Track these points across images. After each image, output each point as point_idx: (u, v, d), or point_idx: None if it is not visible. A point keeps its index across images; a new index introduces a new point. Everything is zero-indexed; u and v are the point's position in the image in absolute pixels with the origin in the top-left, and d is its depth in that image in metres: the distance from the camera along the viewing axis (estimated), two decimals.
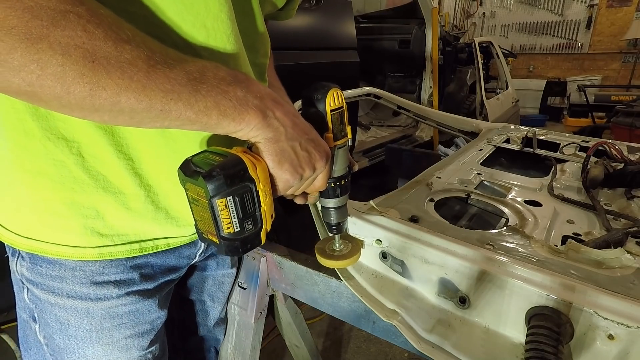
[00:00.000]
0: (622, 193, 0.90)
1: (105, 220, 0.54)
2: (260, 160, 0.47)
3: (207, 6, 0.46)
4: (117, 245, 0.56)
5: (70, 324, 0.58)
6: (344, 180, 0.58)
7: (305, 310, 1.19)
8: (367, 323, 0.76)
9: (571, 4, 7.34)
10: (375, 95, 1.90)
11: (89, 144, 0.49)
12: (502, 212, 0.83)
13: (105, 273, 0.57)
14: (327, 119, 0.52)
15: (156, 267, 0.63)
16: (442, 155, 2.29)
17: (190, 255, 0.69)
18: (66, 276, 0.55)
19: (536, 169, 1.16)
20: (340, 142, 0.55)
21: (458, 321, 0.63)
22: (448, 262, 0.63)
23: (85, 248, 0.54)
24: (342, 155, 0.56)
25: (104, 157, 0.50)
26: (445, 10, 8.04)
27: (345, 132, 0.55)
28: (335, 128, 0.53)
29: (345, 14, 2.38)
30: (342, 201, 0.61)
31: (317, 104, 0.52)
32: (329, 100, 0.51)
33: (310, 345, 1.18)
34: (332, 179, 0.57)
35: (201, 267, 0.81)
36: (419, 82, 3.80)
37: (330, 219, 0.63)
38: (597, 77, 6.74)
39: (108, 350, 0.61)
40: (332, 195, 0.59)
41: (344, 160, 0.57)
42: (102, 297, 0.58)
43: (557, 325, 0.51)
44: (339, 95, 0.53)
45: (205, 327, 0.90)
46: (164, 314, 0.67)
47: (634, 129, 3.46)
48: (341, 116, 0.54)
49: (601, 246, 0.65)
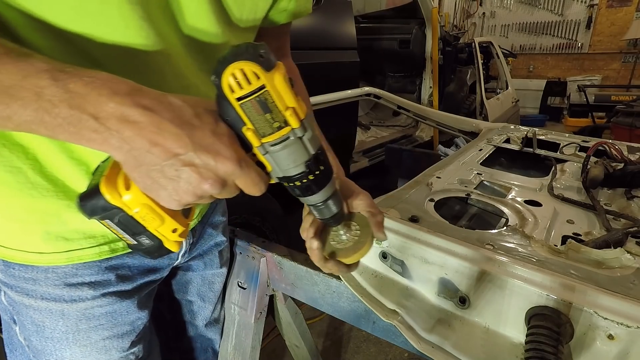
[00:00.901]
0: (622, 193, 0.90)
1: (69, 225, 0.53)
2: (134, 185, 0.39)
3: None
4: (86, 249, 0.55)
5: (45, 326, 0.58)
6: (301, 181, 0.42)
7: (305, 310, 1.19)
8: (367, 323, 0.76)
9: (571, 4, 7.34)
10: (375, 95, 1.90)
11: (43, 150, 0.48)
12: (502, 212, 0.83)
13: (79, 275, 0.56)
14: (236, 110, 0.36)
15: (133, 268, 0.62)
16: (442, 155, 2.29)
17: (171, 256, 0.69)
18: (39, 278, 0.55)
19: (536, 169, 1.16)
20: (274, 137, 0.37)
21: (458, 321, 0.63)
22: (448, 262, 0.63)
23: (52, 254, 0.53)
24: (284, 153, 0.39)
25: (58, 162, 0.49)
26: (445, 10, 8.04)
27: (282, 120, 0.36)
28: (256, 120, 0.36)
29: (345, 14, 2.38)
30: (318, 197, 0.45)
31: (217, 89, 0.35)
32: (226, 83, 0.34)
33: (310, 345, 1.18)
34: (283, 179, 0.42)
35: (188, 267, 0.81)
36: (419, 82, 3.80)
37: (316, 215, 0.50)
38: (597, 77, 6.74)
39: (86, 351, 0.61)
40: (299, 195, 0.44)
41: (292, 157, 0.40)
42: (76, 299, 0.57)
43: (557, 325, 0.51)
44: (248, 73, 0.34)
45: (197, 327, 0.90)
46: (144, 315, 0.67)
47: (634, 129, 3.46)
48: (263, 102, 0.35)
49: (601, 246, 0.65)
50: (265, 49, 0.34)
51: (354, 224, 0.53)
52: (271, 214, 1.73)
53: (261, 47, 0.34)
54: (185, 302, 0.86)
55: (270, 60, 0.34)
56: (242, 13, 0.55)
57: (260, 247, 0.93)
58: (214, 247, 0.82)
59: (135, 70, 0.46)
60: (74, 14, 0.40)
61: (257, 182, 0.40)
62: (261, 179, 0.40)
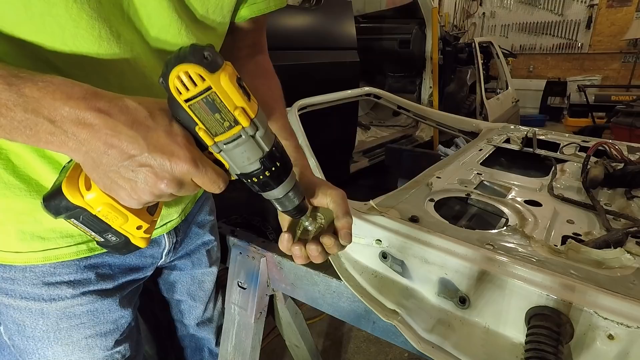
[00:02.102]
0: (622, 193, 0.90)
1: (44, 224, 0.53)
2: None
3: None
4: (63, 248, 0.55)
5: (26, 325, 0.58)
6: (257, 177, 0.42)
7: (305, 310, 1.19)
8: (367, 323, 0.76)
9: (571, 4, 7.34)
10: (375, 95, 1.90)
11: (15, 150, 0.48)
12: (502, 212, 0.83)
13: (57, 273, 0.57)
14: (186, 111, 0.37)
15: (114, 266, 0.63)
16: (442, 155, 2.29)
17: (154, 255, 0.69)
18: (17, 277, 0.55)
19: (536, 169, 1.16)
20: (225, 136, 0.38)
21: (458, 321, 0.63)
22: (448, 262, 0.63)
23: (28, 253, 0.53)
24: (238, 150, 0.39)
25: (30, 162, 0.49)
26: (445, 10, 8.04)
27: (231, 119, 0.37)
28: (206, 120, 0.37)
29: (345, 14, 2.38)
30: (278, 192, 0.45)
31: (167, 91, 0.36)
32: (173, 86, 0.35)
33: (310, 345, 1.18)
34: (240, 175, 0.43)
35: (176, 266, 0.81)
36: (419, 82, 3.80)
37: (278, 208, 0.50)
38: (597, 77, 6.73)
39: (68, 350, 0.61)
40: (259, 190, 0.45)
41: (245, 154, 0.40)
42: (55, 298, 0.57)
43: (557, 325, 0.51)
44: (193, 75, 0.34)
45: (189, 327, 0.90)
46: (128, 314, 0.67)
47: (634, 129, 3.46)
48: (211, 102, 0.36)
49: (601, 246, 0.65)
50: (210, 51, 0.35)
51: (320, 215, 0.54)
52: (271, 214, 1.73)
53: (205, 49, 0.35)
54: (175, 302, 0.86)
55: (215, 61, 0.35)
56: (207, 10, 0.54)
57: (260, 247, 0.93)
58: (201, 246, 0.82)
59: (93, 70, 0.46)
60: (21, 16, 0.40)
61: (215, 179, 0.41)
62: (219, 177, 0.41)
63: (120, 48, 0.47)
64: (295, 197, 0.47)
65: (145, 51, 0.50)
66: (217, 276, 0.88)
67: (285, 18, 2.04)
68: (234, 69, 0.37)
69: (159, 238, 0.68)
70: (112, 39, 0.46)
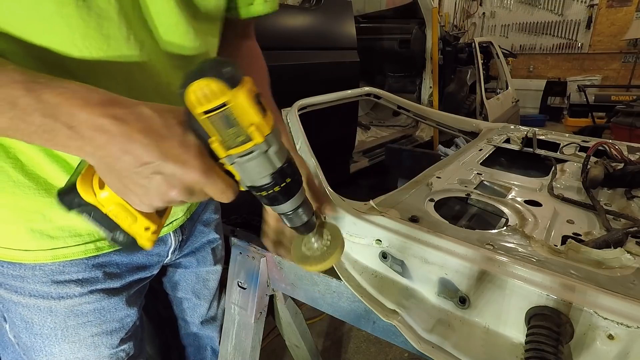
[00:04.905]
0: (622, 193, 0.90)
1: (53, 223, 0.54)
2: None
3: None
4: (72, 247, 0.56)
5: (34, 323, 0.59)
6: (267, 191, 0.43)
7: (305, 310, 1.19)
8: (367, 323, 0.76)
9: (571, 4, 7.33)
10: (375, 95, 1.90)
11: (24, 149, 0.49)
12: (502, 212, 0.83)
13: (66, 272, 0.57)
14: (199, 124, 0.38)
15: (122, 265, 0.63)
16: (442, 155, 2.29)
17: (160, 253, 0.69)
18: (27, 275, 0.56)
19: (536, 169, 1.16)
20: (238, 150, 0.39)
21: (458, 321, 0.63)
22: (448, 262, 0.63)
23: (37, 251, 0.54)
24: (250, 165, 0.40)
25: (39, 161, 0.50)
26: (445, 10, 8.04)
27: (245, 135, 0.38)
28: (221, 134, 0.38)
29: (345, 14, 2.38)
30: (286, 207, 0.46)
31: (183, 101, 0.36)
32: (191, 98, 0.35)
33: (310, 345, 1.18)
34: (251, 188, 0.43)
35: (181, 264, 0.81)
36: (419, 82, 3.80)
37: (286, 224, 0.50)
38: (597, 77, 6.73)
39: (75, 348, 0.62)
40: (267, 204, 0.46)
41: (257, 169, 0.41)
42: (64, 296, 0.58)
43: (557, 325, 0.51)
44: (213, 89, 0.35)
45: (194, 325, 0.90)
46: (134, 312, 0.67)
47: (634, 129, 3.46)
48: (226, 117, 0.36)
49: (601, 246, 0.65)
50: (232, 66, 0.35)
51: (327, 232, 0.54)
52: None
53: (227, 64, 0.35)
54: (180, 300, 0.86)
55: (235, 77, 0.35)
56: (207, 5, 0.56)
57: (260, 247, 0.94)
58: (206, 244, 0.82)
59: (101, 70, 0.46)
60: (31, 16, 0.41)
61: (224, 190, 0.42)
62: (229, 187, 0.42)
63: (129, 48, 0.48)
64: (304, 213, 0.48)
65: (154, 51, 0.51)
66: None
67: (285, 18, 2.04)
68: (252, 85, 0.37)
69: (165, 237, 0.69)
70: (121, 39, 0.46)
